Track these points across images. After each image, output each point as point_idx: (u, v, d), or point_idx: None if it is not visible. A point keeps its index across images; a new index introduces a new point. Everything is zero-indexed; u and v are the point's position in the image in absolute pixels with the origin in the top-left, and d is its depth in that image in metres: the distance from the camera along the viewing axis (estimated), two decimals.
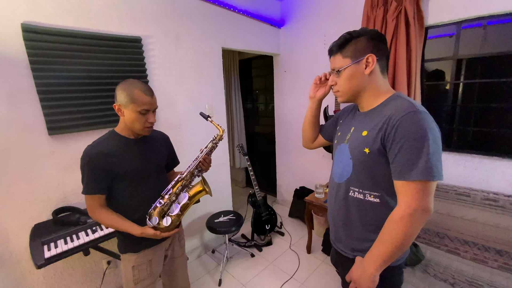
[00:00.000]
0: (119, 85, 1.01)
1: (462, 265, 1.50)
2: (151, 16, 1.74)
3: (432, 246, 1.68)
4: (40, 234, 1.30)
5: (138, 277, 1.12)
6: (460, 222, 1.61)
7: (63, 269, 1.54)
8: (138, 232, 1.02)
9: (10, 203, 1.33)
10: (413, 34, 1.73)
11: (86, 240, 1.29)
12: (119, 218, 1.03)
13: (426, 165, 0.70)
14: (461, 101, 1.82)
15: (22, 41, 1.28)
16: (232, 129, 3.57)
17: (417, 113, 0.72)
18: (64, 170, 1.48)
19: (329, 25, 2.33)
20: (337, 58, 0.87)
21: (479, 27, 1.67)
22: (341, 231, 0.95)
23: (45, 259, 1.15)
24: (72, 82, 1.43)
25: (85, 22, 1.47)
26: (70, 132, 1.46)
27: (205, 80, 2.14)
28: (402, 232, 0.73)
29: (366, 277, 0.79)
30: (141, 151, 1.10)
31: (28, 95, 1.33)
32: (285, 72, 2.83)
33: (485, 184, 1.67)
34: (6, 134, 1.29)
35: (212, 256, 2.30)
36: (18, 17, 1.27)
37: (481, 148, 1.75)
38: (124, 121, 1.04)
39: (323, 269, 2.07)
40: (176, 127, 2.00)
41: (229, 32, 2.26)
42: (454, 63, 1.78)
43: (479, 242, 1.53)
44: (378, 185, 0.82)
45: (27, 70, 1.31)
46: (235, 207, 2.87)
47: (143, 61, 1.72)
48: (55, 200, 1.47)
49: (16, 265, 1.38)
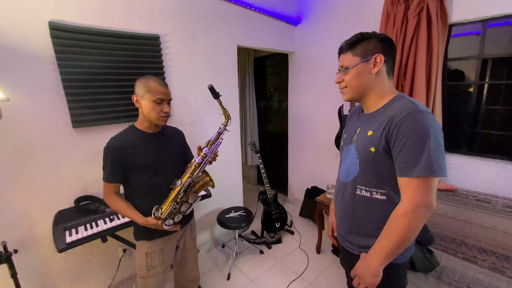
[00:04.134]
0: (137, 79, 1.11)
1: (478, 274, 1.43)
2: (169, 15, 1.79)
3: (448, 253, 1.62)
4: (62, 220, 1.38)
5: (150, 264, 1.18)
6: (479, 229, 1.54)
7: (82, 254, 1.63)
8: (141, 221, 1.09)
9: (35, 191, 1.42)
10: (435, 32, 1.66)
11: (104, 227, 1.36)
12: (126, 206, 1.11)
13: (428, 162, 0.72)
14: (485, 103, 1.73)
15: (49, 38, 1.36)
16: (245, 127, 3.60)
17: (419, 113, 0.75)
18: (85, 162, 1.57)
19: (347, 23, 2.28)
20: (347, 56, 0.90)
21: (506, 26, 1.57)
22: (348, 229, 0.98)
23: (66, 243, 1.23)
24: (94, 78, 1.50)
25: (107, 21, 1.54)
26: (92, 125, 1.54)
27: (219, 78, 2.17)
28: (405, 227, 0.76)
29: (370, 272, 0.82)
30: (157, 145, 1.17)
31: (55, 90, 1.41)
32: (300, 70, 2.80)
33: (507, 191, 1.59)
34: (33, 126, 1.38)
35: (221, 251, 2.34)
36: (46, 15, 1.35)
37: (505, 153, 1.65)
38: (142, 112, 1.12)
39: (332, 270, 2.06)
40: (190, 123, 2.05)
41: (244, 30, 2.27)
42: (479, 62, 1.69)
43: (498, 251, 1.46)
44: (384, 182, 0.85)
45: (53, 66, 1.39)
46: (246, 204, 2.90)
47: (161, 58, 1.77)
48: (76, 189, 1.56)
49: (38, 249, 1.47)
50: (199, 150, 1.18)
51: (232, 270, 2.08)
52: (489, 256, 1.48)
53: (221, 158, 2.30)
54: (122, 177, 1.12)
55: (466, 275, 1.44)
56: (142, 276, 1.20)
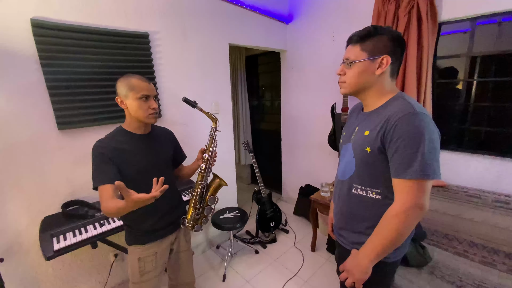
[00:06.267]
0: (118, 80, 1.06)
1: (470, 268, 1.46)
2: (158, 12, 1.74)
3: (440, 248, 1.65)
4: (49, 227, 1.33)
5: (143, 269, 1.15)
6: (470, 224, 1.57)
7: (72, 261, 1.58)
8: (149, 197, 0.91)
9: (20, 196, 1.36)
10: (425, 30, 1.68)
11: (94, 233, 1.32)
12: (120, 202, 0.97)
13: (422, 164, 0.73)
14: (473, 100, 1.76)
15: (31, 36, 1.29)
16: (238, 126, 3.57)
17: (415, 115, 0.75)
18: (73, 165, 1.51)
19: (338, 21, 2.29)
20: (355, 49, 0.85)
21: (494, 24, 1.60)
22: (343, 225, 1.00)
23: (54, 251, 1.18)
24: (80, 77, 1.44)
25: (93, 17, 1.48)
26: (78, 127, 1.48)
27: (211, 77, 2.14)
28: (396, 227, 0.77)
29: (359, 268, 0.84)
30: (147, 146, 1.12)
31: (38, 90, 1.34)
32: (292, 68, 2.80)
33: (496, 186, 1.63)
34: (16, 128, 1.31)
35: (216, 252, 2.32)
36: (28, 12, 1.28)
37: (493, 149, 1.69)
38: (129, 113, 1.07)
39: (328, 267, 2.07)
40: (182, 123, 2.00)
41: (236, 28, 2.24)
42: (467, 60, 1.72)
43: (488, 245, 1.50)
44: (379, 182, 0.86)
45: (36, 65, 1.32)
46: (240, 203, 2.88)
47: (150, 57, 1.72)
48: (63, 193, 1.50)
49: (25, 256, 1.41)
50: (200, 153, 1.27)
51: (227, 271, 2.06)
52: (480, 250, 1.52)
53: None
54: (118, 177, 1.00)
55: (458, 269, 1.47)
56: (135, 281, 1.16)
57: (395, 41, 0.82)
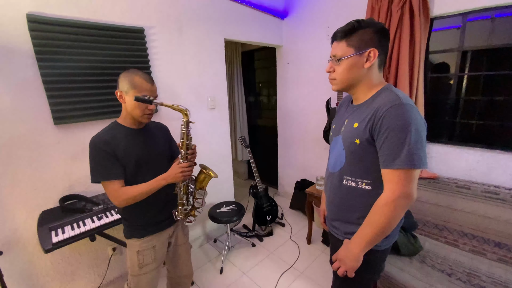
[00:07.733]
0: (121, 73, 1.06)
1: (460, 257, 1.51)
2: (154, 6, 1.74)
3: (431, 237, 1.70)
4: (47, 221, 1.34)
5: (142, 262, 1.16)
6: (460, 214, 1.62)
7: (70, 254, 1.59)
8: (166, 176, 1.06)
9: (17, 190, 1.37)
10: (418, 26, 1.71)
11: (92, 226, 1.33)
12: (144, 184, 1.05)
13: (408, 154, 0.75)
14: (464, 94, 1.80)
15: (27, 32, 1.29)
16: (235, 122, 3.58)
17: (402, 106, 0.76)
18: (70, 159, 1.52)
19: (333, 16, 2.30)
20: (341, 45, 0.86)
21: (485, 19, 1.63)
22: (335, 216, 1.02)
23: (52, 244, 1.20)
24: (76, 72, 1.44)
25: (88, 12, 1.47)
26: (75, 122, 1.49)
27: (207, 72, 2.14)
28: (386, 216, 0.80)
29: (351, 257, 0.87)
30: (142, 141, 1.13)
31: (34, 85, 1.35)
32: (288, 64, 2.81)
33: (486, 178, 1.67)
34: (12, 123, 1.32)
35: (214, 245, 2.35)
36: (23, 7, 1.28)
37: (483, 142, 1.74)
38: (126, 108, 1.07)
39: (323, 259, 2.11)
40: (178, 118, 2.00)
41: (232, 23, 2.24)
42: (459, 55, 1.76)
43: (478, 235, 1.54)
44: (369, 173, 0.88)
45: (32, 60, 1.32)
46: (237, 198, 2.91)
47: (146, 52, 1.73)
48: (61, 188, 1.51)
49: (23, 250, 1.43)
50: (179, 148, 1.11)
51: (224, 263, 2.09)
52: (470, 239, 1.57)
53: (211, 153, 2.30)
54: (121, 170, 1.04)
55: (448, 258, 1.51)
56: (134, 274, 1.18)
57: (380, 33, 0.83)
